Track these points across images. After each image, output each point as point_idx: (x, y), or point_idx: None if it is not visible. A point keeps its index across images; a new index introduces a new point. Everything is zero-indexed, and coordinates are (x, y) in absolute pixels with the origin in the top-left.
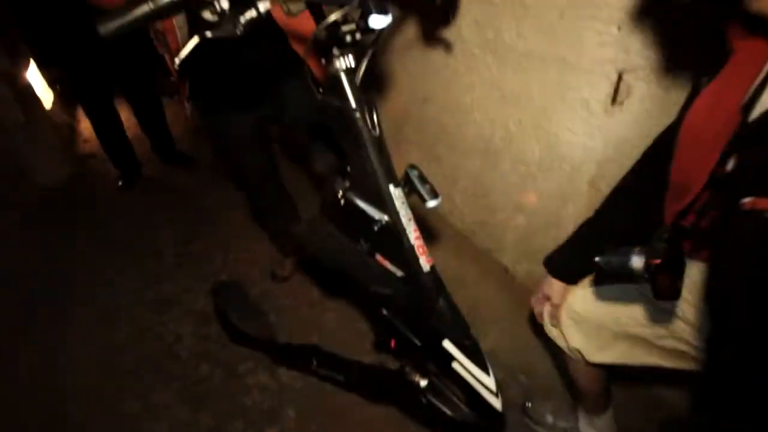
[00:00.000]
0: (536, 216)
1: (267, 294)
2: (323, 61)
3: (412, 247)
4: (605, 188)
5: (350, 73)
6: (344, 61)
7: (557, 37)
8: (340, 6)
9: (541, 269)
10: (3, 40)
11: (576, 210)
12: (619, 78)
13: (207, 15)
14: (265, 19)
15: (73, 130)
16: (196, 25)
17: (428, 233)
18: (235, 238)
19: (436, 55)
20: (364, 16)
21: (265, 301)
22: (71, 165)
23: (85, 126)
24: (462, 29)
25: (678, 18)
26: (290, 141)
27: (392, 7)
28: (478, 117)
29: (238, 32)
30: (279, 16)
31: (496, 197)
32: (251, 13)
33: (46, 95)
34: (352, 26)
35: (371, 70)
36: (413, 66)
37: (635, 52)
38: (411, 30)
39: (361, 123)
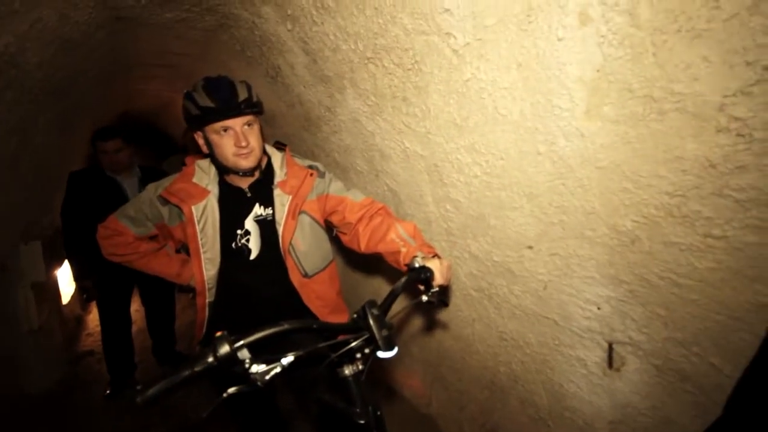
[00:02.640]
0: None
1: None
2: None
3: None
4: None
5: (358, 376)
6: (353, 368)
7: (544, 302)
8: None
9: None
10: (45, 254)
11: None
12: (610, 347)
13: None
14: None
15: (80, 322)
16: (221, 381)
17: None
18: None
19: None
20: (373, 349)
21: None
22: (66, 365)
23: (92, 318)
24: (460, 276)
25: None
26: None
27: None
28: (480, 348)
29: (261, 385)
30: (295, 277)
31: None
32: (276, 369)
33: (67, 289)
34: (363, 344)
35: None
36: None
37: (619, 331)
38: None
39: (364, 426)
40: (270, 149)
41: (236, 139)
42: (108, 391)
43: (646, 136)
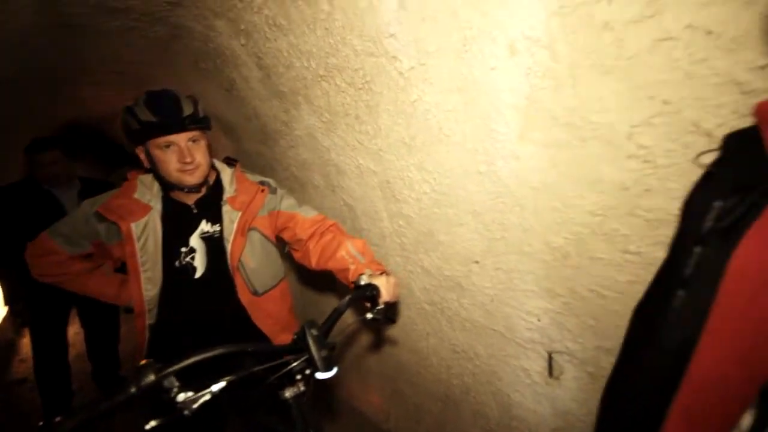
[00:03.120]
0: None
1: None
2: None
3: None
4: None
5: (300, 397)
6: (294, 389)
7: (491, 314)
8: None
9: None
10: None
11: None
12: (550, 356)
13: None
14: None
15: (12, 346)
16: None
17: None
18: None
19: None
20: (313, 370)
21: None
22: None
23: (26, 343)
24: (414, 290)
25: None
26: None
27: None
28: (434, 361)
29: (188, 414)
30: (244, 295)
31: None
32: (205, 397)
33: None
34: (303, 365)
35: None
36: None
37: (557, 341)
38: None
39: None
40: (219, 164)
41: (180, 155)
42: (41, 423)
43: (570, 160)
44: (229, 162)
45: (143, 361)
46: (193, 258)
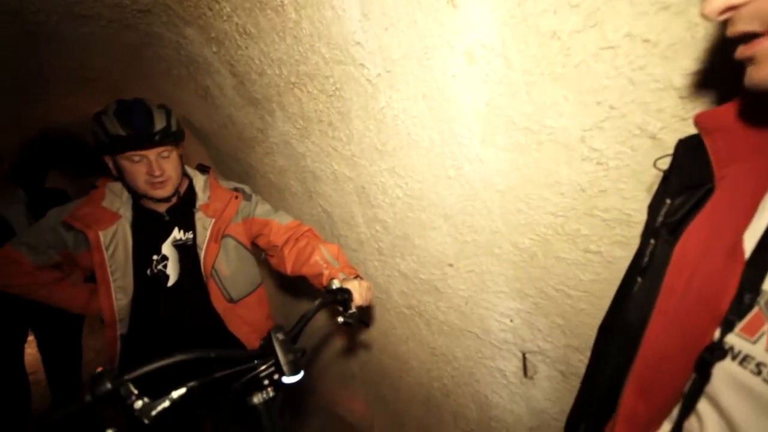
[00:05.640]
0: None
1: None
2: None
3: None
4: None
5: (268, 403)
6: (263, 395)
7: (467, 316)
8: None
9: None
10: None
11: None
12: (524, 357)
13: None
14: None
15: None
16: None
17: None
18: None
19: (373, 310)
20: (279, 374)
21: None
22: None
23: None
24: (392, 294)
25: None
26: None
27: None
28: (415, 365)
29: (147, 422)
30: (219, 302)
31: None
32: (164, 404)
33: None
34: (271, 370)
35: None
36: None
37: (529, 341)
38: None
39: None
40: (192, 171)
41: (149, 168)
42: None
43: (530, 163)
44: (202, 169)
45: (99, 369)
46: (165, 266)
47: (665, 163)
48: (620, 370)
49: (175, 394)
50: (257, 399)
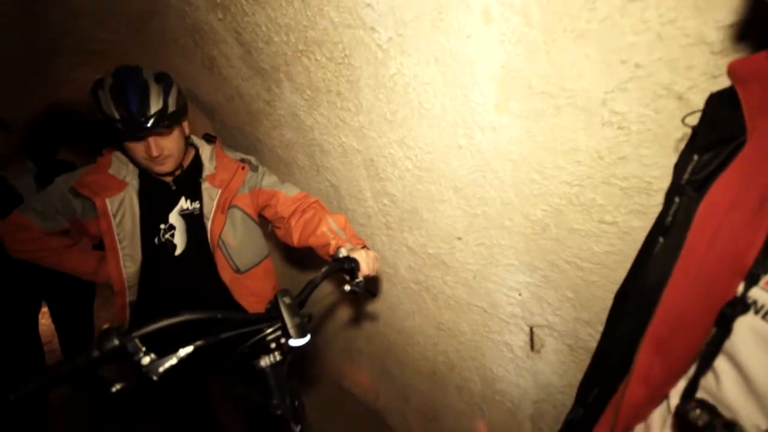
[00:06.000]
0: None
1: None
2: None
3: None
4: (546, 429)
5: (276, 367)
6: (270, 359)
7: (474, 290)
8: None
9: None
10: None
11: None
12: (531, 331)
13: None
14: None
15: None
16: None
17: None
18: None
19: (380, 281)
20: (286, 337)
21: None
22: None
23: None
24: (399, 269)
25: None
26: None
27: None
28: (420, 340)
29: (156, 378)
30: (226, 273)
31: (448, 422)
32: (171, 362)
33: None
34: (277, 334)
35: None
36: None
37: (537, 315)
38: None
39: (282, 418)
40: (198, 141)
41: (147, 148)
42: None
43: (546, 129)
44: (209, 139)
45: (106, 325)
46: (172, 235)
47: (694, 120)
48: (636, 333)
49: (183, 352)
50: (264, 362)
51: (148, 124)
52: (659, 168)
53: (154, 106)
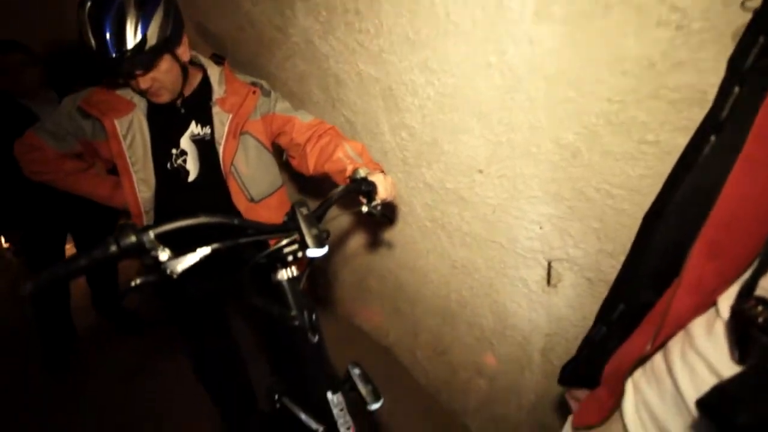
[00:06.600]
0: (496, 381)
1: None
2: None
3: None
4: (556, 360)
5: (293, 281)
6: (287, 272)
7: (493, 226)
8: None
9: None
10: None
11: (533, 378)
12: (549, 265)
13: (148, 261)
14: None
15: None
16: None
17: (393, 394)
18: None
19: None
20: (303, 248)
21: None
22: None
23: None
24: (415, 207)
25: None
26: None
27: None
28: (434, 278)
29: (174, 276)
30: (240, 201)
31: (457, 356)
32: (189, 260)
33: None
34: (294, 247)
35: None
36: (370, 224)
37: (558, 248)
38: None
39: (299, 329)
40: (206, 62)
41: (135, 84)
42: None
43: (591, 36)
44: (217, 60)
45: (122, 221)
46: (185, 161)
47: (756, 2)
48: (675, 245)
49: (201, 251)
50: (281, 275)
51: (124, 63)
52: (717, 74)
53: (131, 40)
